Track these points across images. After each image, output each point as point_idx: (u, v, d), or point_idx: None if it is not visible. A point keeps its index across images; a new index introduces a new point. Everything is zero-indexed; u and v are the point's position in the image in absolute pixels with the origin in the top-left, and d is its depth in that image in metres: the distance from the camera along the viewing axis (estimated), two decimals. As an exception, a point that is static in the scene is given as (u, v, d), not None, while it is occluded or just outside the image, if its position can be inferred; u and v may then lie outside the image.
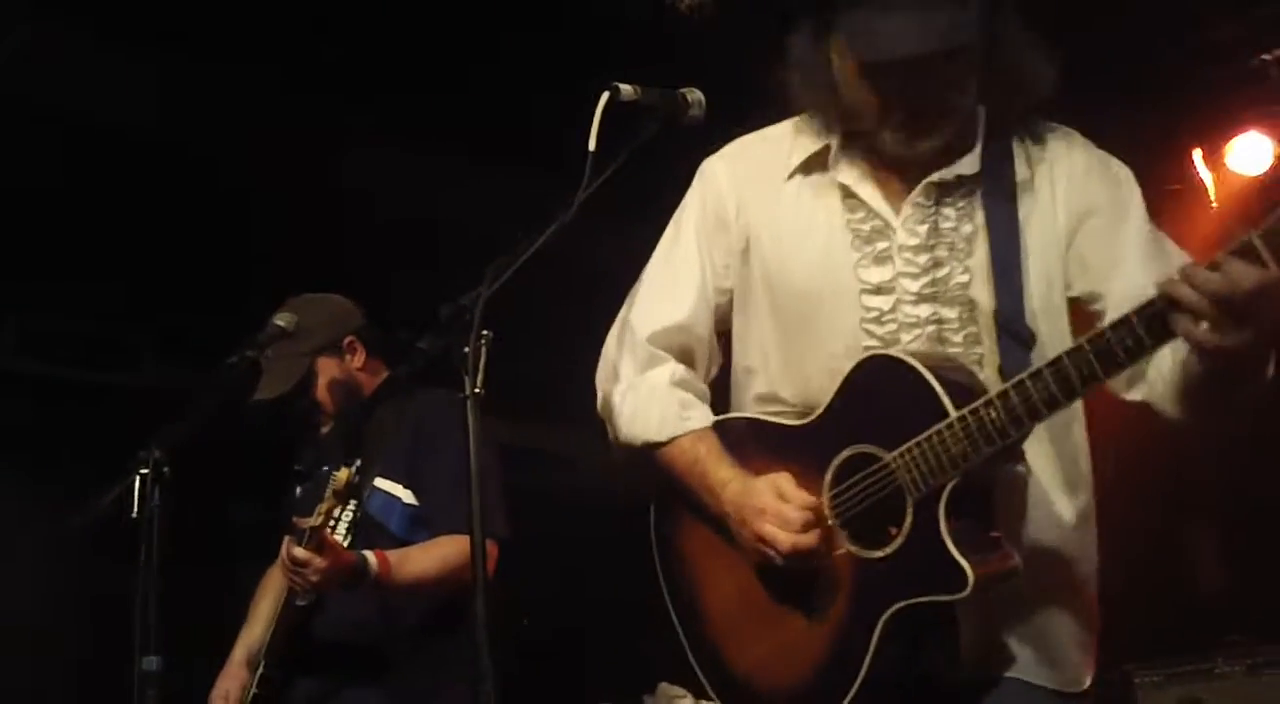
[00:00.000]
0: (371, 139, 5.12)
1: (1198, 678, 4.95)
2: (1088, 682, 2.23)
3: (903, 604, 2.03)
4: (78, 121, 4.77)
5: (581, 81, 2.30)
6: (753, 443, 2.30)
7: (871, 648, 2.05)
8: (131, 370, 6.08)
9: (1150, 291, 1.88)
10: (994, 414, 1.97)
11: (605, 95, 2.19)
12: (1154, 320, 1.87)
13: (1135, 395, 2.19)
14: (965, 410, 1.99)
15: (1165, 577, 6.05)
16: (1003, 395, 1.97)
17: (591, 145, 2.16)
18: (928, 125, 2.17)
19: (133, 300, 5.75)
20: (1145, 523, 5.75)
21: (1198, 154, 5.72)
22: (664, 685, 2.34)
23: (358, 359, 3.71)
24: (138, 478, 2.90)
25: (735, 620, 2.26)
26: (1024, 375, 1.96)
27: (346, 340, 3.71)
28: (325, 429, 3.72)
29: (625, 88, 2.20)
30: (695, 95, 2.27)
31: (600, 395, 2.47)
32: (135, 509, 2.89)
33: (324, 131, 5.03)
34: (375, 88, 4.88)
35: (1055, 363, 1.94)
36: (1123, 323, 1.89)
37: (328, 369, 3.66)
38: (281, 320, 3.40)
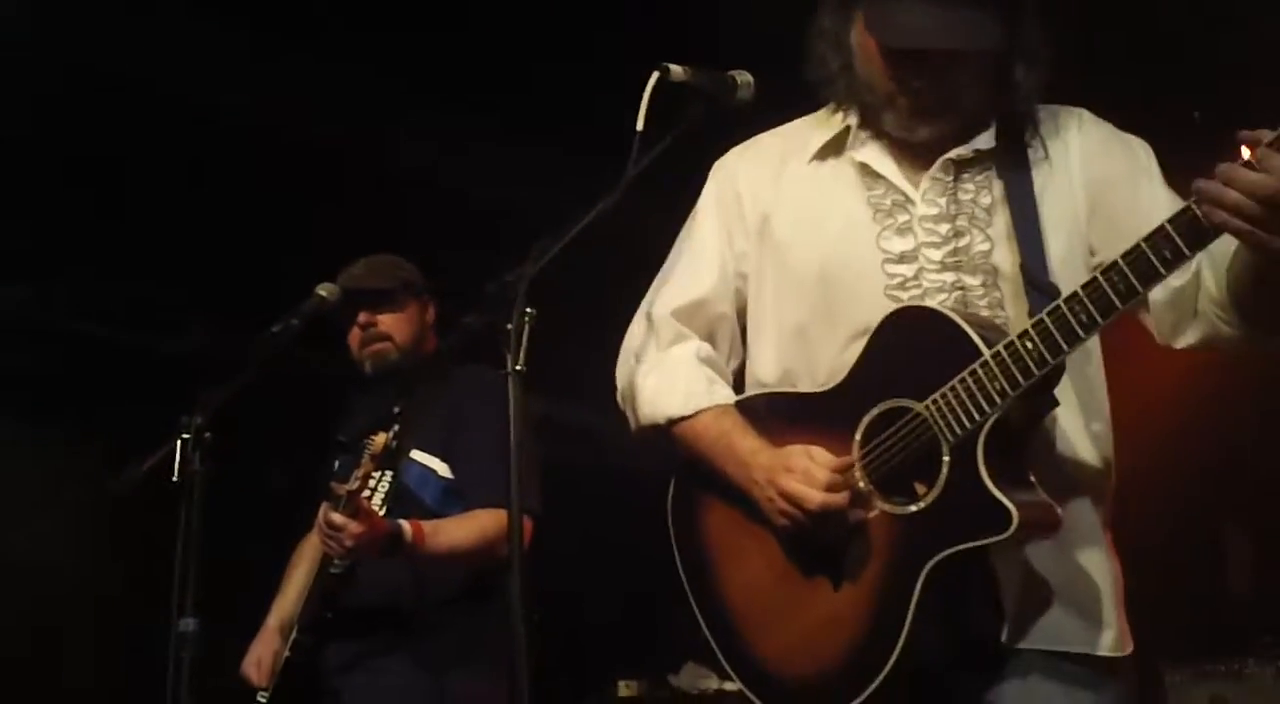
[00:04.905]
0: (422, 114, 5.14)
1: (1228, 678, 4.94)
2: (1130, 647, 2.17)
3: (944, 554, 1.97)
4: (134, 88, 4.80)
5: (630, 62, 2.30)
6: (776, 417, 2.26)
7: (912, 607, 1.99)
8: (178, 335, 6.12)
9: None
10: (1029, 345, 1.95)
11: (655, 75, 2.19)
12: (1191, 225, 1.83)
13: (1190, 339, 2.15)
14: (999, 346, 1.97)
15: (1196, 575, 6.02)
16: (1038, 323, 1.95)
17: (639, 125, 2.16)
18: (931, 116, 2.19)
19: (181, 264, 5.78)
20: (1176, 520, 5.72)
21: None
22: (690, 665, 2.34)
23: (430, 316, 3.80)
24: (179, 442, 2.93)
25: (762, 598, 2.21)
26: (1059, 301, 1.94)
27: (426, 296, 3.81)
28: (365, 396, 3.76)
29: (675, 68, 2.21)
30: (744, 77, 2.27)
31: (620, 382, 2.44)
32: (176, 473, 2.92)
33: (376, 103, 5.06)
34: (424, 61, 4.89)
35: (1090, 283, 1.91)
36: (1158, 232, 1.85)
37: (411, 308, 3.75)
38: (324, 290, 3.41)
